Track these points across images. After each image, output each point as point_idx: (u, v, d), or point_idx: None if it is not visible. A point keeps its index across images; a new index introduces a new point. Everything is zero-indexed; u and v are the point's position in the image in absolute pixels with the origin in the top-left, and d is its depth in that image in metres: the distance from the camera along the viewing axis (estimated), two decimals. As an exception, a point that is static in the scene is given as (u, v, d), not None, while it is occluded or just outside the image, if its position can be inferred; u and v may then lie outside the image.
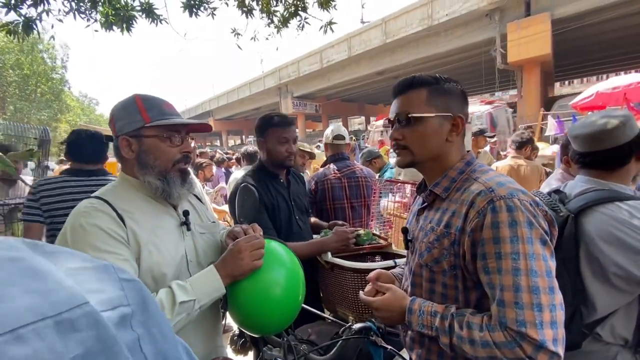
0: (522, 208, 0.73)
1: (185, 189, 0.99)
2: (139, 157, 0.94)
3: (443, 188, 0.88)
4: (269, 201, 1.65)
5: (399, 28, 17.13)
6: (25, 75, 19.08)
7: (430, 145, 0.88)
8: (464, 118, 0.87)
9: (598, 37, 15.42)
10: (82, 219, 0.84)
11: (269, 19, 3.79)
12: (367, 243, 1.75)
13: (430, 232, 0.87)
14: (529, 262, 0.70)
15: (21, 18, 2.68)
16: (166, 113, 0.96)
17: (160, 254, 0.92)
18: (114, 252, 0.83)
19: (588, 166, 1.21)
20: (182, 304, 0.81)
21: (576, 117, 6.43)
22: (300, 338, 1.13)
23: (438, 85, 0.87)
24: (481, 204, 0.76)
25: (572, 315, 1.06)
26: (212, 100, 38.16)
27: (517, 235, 0.71)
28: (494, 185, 0.77)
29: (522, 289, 0.69)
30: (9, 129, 2.11)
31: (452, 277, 0.83)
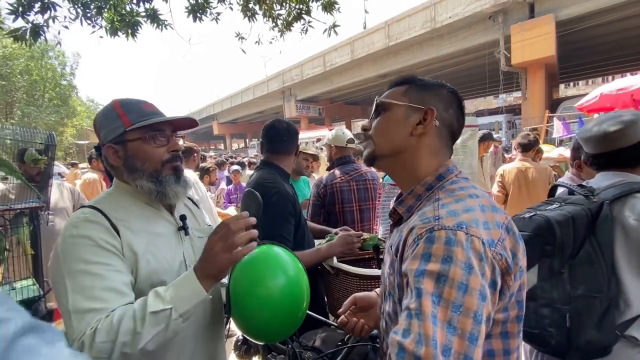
0: (466, 245, 0.58)
1: (181, 187, 0.95)
2: (126, 163, 0.92)
3: (406, 207, 0.76)
4: (298, 208, 1.63)
5: (402, 31, 17.15)
6: (34, 81, 19.37)
7: (390, 134, 0.78)
8: (436, 113, 0.75)
9: (603, 38, 15.33)
10: (73, 230, 0.82)
11: (273, 22, 3.81)
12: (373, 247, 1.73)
13: (388, 256, 0.77)
14: (451, 313, 0.54)
15: (28, 25, 2.72)
16: (147, 114, 0.93)
17: (158, 261, 0.89)
18: (104, 264, 0.80)
19: (604, 167, 1.19)
20: (154, 314, 0.75)
21: (582, 119, 6.38)
22: (305, 345, 1.11)
23: (421, 82, 0.81)
24: (419, 231, 0.63)
25: (606, 310, 1.02)
26: (216, 104, 38.42)
27: (446, 275, 0.56)
28: (444, 212, 0.64)
29: (433, 343, 0.52)
30: (17, 134, 2.12)
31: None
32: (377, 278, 1.44)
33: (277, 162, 1.71)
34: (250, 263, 0.92)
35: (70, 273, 0.78)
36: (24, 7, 2.63)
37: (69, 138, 20.47)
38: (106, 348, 0.73)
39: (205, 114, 40.06)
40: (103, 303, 0.77)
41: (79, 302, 0.76)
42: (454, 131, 0.80)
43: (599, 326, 1.02)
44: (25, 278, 2.11)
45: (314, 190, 2.36)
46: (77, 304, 0.76)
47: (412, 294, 0.58)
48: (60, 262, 0.80)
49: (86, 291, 0.77)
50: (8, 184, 2.24)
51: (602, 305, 1.03)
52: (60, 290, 0.79)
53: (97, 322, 0.75)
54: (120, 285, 0.81)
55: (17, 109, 19.05)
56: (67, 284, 0.77)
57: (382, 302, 0.85)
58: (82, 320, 0.75)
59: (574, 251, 1.06)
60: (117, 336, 0.73)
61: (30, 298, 1.93)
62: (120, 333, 0.74)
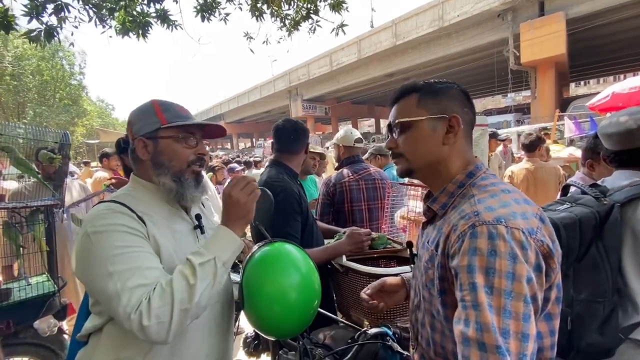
0: (507, 237, 0.63)
1: (199, 192, 1.00)
2: (154, 158, 0.95)
3: (440, 204, 0.80)
4: (304, 205, 1.65)
5: (409, 30, 17.05)
6: (45, 81, 19.72)
7: (424, 150, 0.81)
8: (460, 119, 0.79)
9: (614, 36, 15.05)
10: (102, 220, 0.84)
11: (282, 22, 3.82)
12: (382, 247, 1.74)
13: (426, 251, 0.81)
14: (504, 300, 0.60)
15: (43, 26, 2.77)
16: (182, 116, 0.98)
17: (179, 258, 0.91)
18: (140, 247, 0.84)
19: (626, 164, 1.16)
20: (202, 265, 0.81)
21: (594, 119, 6.27)
22: (315, 342, 1.12)
23: (430, 88, 0.82)
24: (462, 228, 0.68)
25: (610, 314, 1.00)
26: (223, 104, 38.67)
27: (494, 268, 0.62)
28: (482, 208, 0.68)
29: (486, 327, 0.59)
30: (29, 133, 2.16)
31: (442, 305, 0.74)
32: (387, 277, 1.44)
33: (285, 161, 1.73)
34: (263, 259, 0.94)
35: (110, 258, 0.81)
36: (37, 8, 2.68)
37: (79, 137, 20.78)
38: (165, 311, 0.76)
39: (212, 114, 40.35)
40: (149, 279, 0.81)
41: (127, 281, 0.78)
42: (473, 125, 0.85)
43: (601, 330, 1.01)
44: (40, 274, 2.16)
45: (323, 189, 2.37)
46: (125, 283, 0.78)
47: (466, 288, 0.64)
48: (95, 250, 0.82)
49: (130, 271, 0.80)
50: (25, 182, 2.29)
51: (606, 310, 1.01)
52: (99, 277, 0.81)
53: (149, 293, 0.78)
54: (158, 265, 0.86)
55: (29, 109, 19.40)
56: (110, 268, 0.80)
57: (413, 295, 0.90)
58: (134, 295, 0.78)
59: (579, 255, 1.03)
60: (174, 296, 0.77)
61: (45, 293, 1.97)
62: (176, 292, 0.78)
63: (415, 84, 0.85)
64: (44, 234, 2.09)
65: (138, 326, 0.75)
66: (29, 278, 2.07)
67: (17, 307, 1.88)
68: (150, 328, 0.75)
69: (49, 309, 2.00)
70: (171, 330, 0.77)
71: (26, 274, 2.10)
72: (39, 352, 1.99)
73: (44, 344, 1.99)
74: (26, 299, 1.91)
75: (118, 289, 0.78)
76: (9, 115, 18.88)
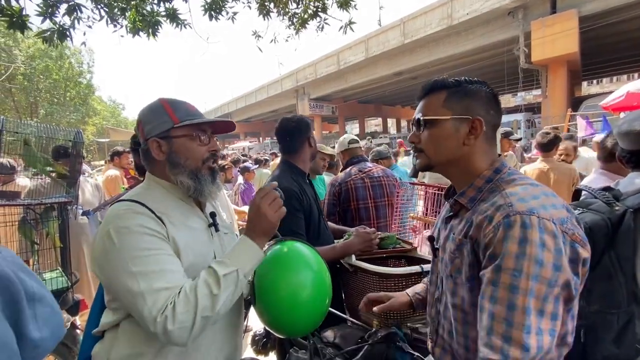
0: (539, 226, 0.68)
1: (216, 187, 1.01)
2: (170, 158, 0.96)
3: (469, 198, 0.83)
4: (306, 202, 1.65)
5: (417, 28, 16.92)
6: (55, 80, 20.06)
7: (444, 148, 0.84)
8: (483, 121, 0.81)
9: (629, 34, 14.72)
10: (124, 221, 0.85)
11: (290, 20, 3.82)
12: (391, 247, 1.73)
13: (452, 242, 0.84)
14: (531, 283, 0.66)
15: (56, 26, 2.82)
16: (192, 114, 0.99)
17: (196, 255, 0.92)
18: (163, 249, 0.85)
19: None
20: (226, 277, 0.83)
21: (607, 118, 6.15)
22: (326, 341, 1.12)
23: (459, 88, 0.84)
24: (497, 219, 0.72)
25: (626, 325, 0.97)
26: (230, 103, 38.92)
27: (524, 253, 0.67)
28: (515, 200, 0.73)
29: (516, 308, 0.66)
30: (42, 131, 2.20)
31: (469, 291, 0.79)
32: (396, 277, 1.43)
33: (291, 159, 1.75)
34: (275, 258, 0.94)
35: (135, 261, 0.82)
36: (51, 8, 2.72)
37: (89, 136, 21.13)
38: (188, 317, 0.78)
39: (220, 113, 40.61)
40: (173, 282, 0.82)
41: (152, 283, 0.80)
42: (497, 127, 0.88)
43: (617, 342, 0.98)
44: (53, 270, 2.20)
45: (329, 189, 2.39)
46: (150, 285, 0.80)
47: (495, 269, 0.70)
48: (118, 250, 0.83)
49: (156, 273, 0.81)
50: (40, 180, 2.33)
51: (621, 321, 0.97)
52: (123, 277, 0.82)
53: (174, 297, 0.80)
54: (180, 267, 0.87)
55: (40, 108, 19.78)
56: (135, 270, 0.81)
57: (434, 289, 0.95)
58: (159, 297, 0.79)
59: (591, 264, 0.99)
60: (197, 302, 0.79)
61: (58, 289, 2.01)
62: (200, 299, 0.80)
63: (445, 80, 0.87)
64: (57, 231, 2.13)
65: (162, 329, 0.77)
66: (43, 274, 2.11)
67: (31, 302, 1.92)
68: (173, 332, 0.77)
69: (62, 304, 2.03)
70: (192, 335, 0.79)
71: (40, 269, 2.14)
72: (52, 346, 2.03)
73: (57, 338, 2.03)
74: (40, 294, 1.95)
75: (143, 290, 0.79)
76: (22, 114, 19.28)
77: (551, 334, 0.66)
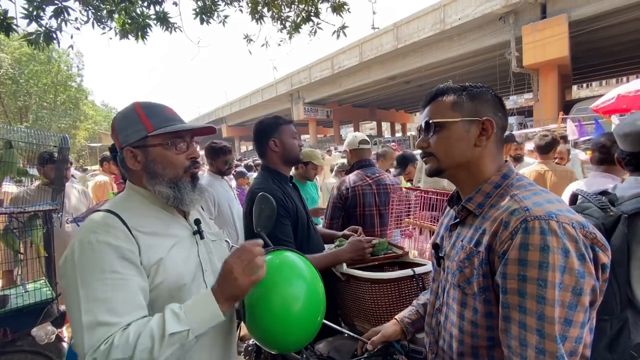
0: (560, 232, 0.65)
1: (197, 194, 0.95)
2: (147, 168, 0.91)
3: (477, 204, 0.81)
4: (291, 207, 1.60)
5: (411, 33, 17.08)
6: (45, 85, 19.83)
7: (456, 150, 0.82)
8: (494, 121, 0.80)
9: (617, 38, 15.01)
10: (91, 235, 0.80)
11: (282, 24, 3.80)
12: (383, 253, 1.69)
13: (461, 250, 0.81)
14: (557, 292, 0.64)
15: (42, 28, 2.76)
16: (168, 119, 0.93)
17: (176, 266, 0.88)
18: (122, 273, 0.79)
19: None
20: (173, 336, 0.74)
21: (598, 121, 6.22)
22: (320, 355, 1.08)
23: (465, 92, 0.84)
24: (514, 224, 0.69)
25: (619, 331, 0.95)
26: (225, 107, 38.80)
27: (547, 262, 0.65)
28: (530, 204, 0.70)
29: (546, 319, 0.64)
30: (31, 136, 2.14)
31: (483, 302, 0.76)
32: (389, 281, 1.39)
33: (269, 164, 1.71)
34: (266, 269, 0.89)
35: (85, 282, 0.76)
36: (37, 10, 2.66)
37: (81, 141, 20.88)
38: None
39: (215, 117, 40.48)
40: (117, 317, 0.75)
41: (93, 314, 0.73)
42: (505, 129, 0.87)
43: (611, 348, 0.97)
44: (38, 280, 2.13)
45: (335, 191, 2.32)
46: (90, 316, 0.73)
47: (516, 279, 0.68)
48: (75, 268, 0.77)
49: (101, 303, 0.75)
50: (26, 187, 2.26)
51: (614, 327, 0.97)
52: (72, 299, 0.76)
53: (111, 337, 0.72)
54: (136, 297, 0.79)
55: (30, 113, 19.52)
56: (81, 293, 0.75)
57: (434, 299, 0.93)
58: (94, 333, 0.72)
59: None
60: (134, 354, 0.71)
61: (43, 300, 1.93)
62: (137, 351, 0.72)
63: (450, 86, 0.86)
64: (42, 240, 2.05)
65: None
66: (26, 284, 2.04)
67: (14, 315, 1.85)
68: None
69: (47, 316, 1.96)
70: None
71: (24, 280, 2.07)
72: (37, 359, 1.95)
73: (41, 351, 1.95)
74: (23, 306, 1.88)
75: (82, 321, 0.73)
76: (11, 119, 18.99)
77: (578, 342, 0.66)
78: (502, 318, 0.71)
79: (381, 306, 1.39)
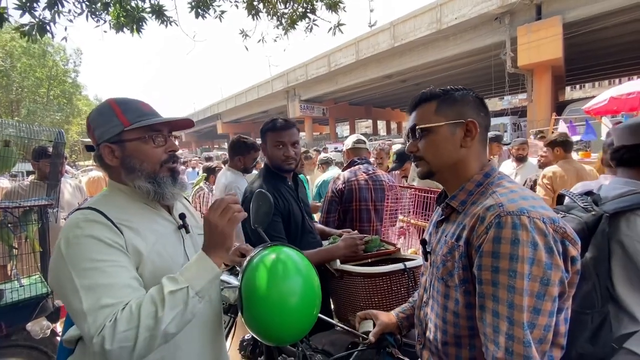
0: (530, 227, 0.70)
1: (178, 189, 0.96)
2: (124, 163, 0.91)
3: (460, 201, 0.86)
4: (283, 206, 1.64)
5: (407, 32, 17.10)
6: (38, 79, 19.48)
7: (444, 153, 0.87)
8: (477, 123, 0.85)
9: (611, 40, 15.19)
10: (76, 230, 0.80)
11: (278, 20, 3.79)
12: (375, 250, 1.72)
13: (444, 245, 0.87)
14: (526, 282, 0.69)
15: (35, 20, 2.72)
16: (144, 113, 0.93)
17: (163, 260, 0.89)
18: (113, 261, 0.80)
19: (626, 164, 1.11)
20: (173, 294, 0.77)
21: (589, 122, 6.32)
22: (315, 348, 1.10)
23: (447, 96, 0.88)
24: (489, 219, 0.74)
25: (600, 324, 0.99)
26: (220, 103, 38.52)
27: (517, 254, 0.69)
28: (505, 200, 0.75)
29: (515, 307, 0.69)
30: (22, 131, 2.12)
31: (463, 294, 0.81)
32: (382, 275, 1.43)
33: (267, 163, 1.75)
34: (263, 264, 0.92)
35: (79, 272, 0.77)
36: (30, 1, 2.63)
37: (74, 136, 20.59)
38: (129, 336, 0.73)
39: (210, 113, 40.19)
40: (117, 298, 0.76)
41: (93, 300, 0.75)
42: (488, 128, 0.92)
43: (592, 340, 1.00)
44: (33, 275, 2.12)
45: (332, 186, 2.37)
46: (91, 302, 0.75)
47: (489, 269, 0.73)
48: (65, 262, 0.78)
49: (99, 288, 0.76)
50: (20, 182, 2.25)
51: (595, 321, 1.00)
52: (68, 291, 0.77)
53: (115, 315, 0.74)
54: (131, 281, 0.81)
55: (22, 107, 19.18)
56: (77, 283, 0.76)
57: (422, 292, 0.98)
58: (99, 316, 0.74)
59: None
60: (140, 321, 0.74)
61: (38, 295, 1.93)
62: (142, 317, 0.74)
63: (433, 91, 0.90)
64: (37, 235, 2.05)
65: (100, 349, 0.72)
66: (21, 279, 2.03)
67: (9, 309, 1.84)
68: (112, 353, 0.72)
69: (42, 310, 1.96)
70: (134, 354, 0.74)
71: (19, 274, 2.06)
72: (32, 354, 1.95)
73: (36, 346, 1.95)
74: (18, 300, 1.87)
75: (84, 308, 0.74)
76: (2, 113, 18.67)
77: (546, 329, 0.70)
78: (478, 307, 0.76)
79: (374, 300, 1.42)
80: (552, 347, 0.74)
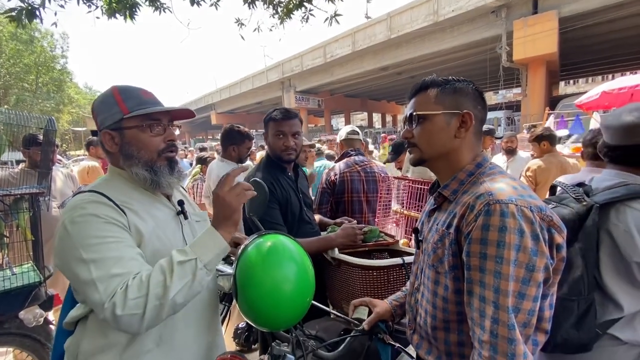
0: (517, 215, 0.72)
1: (175, 178, 0.98)
2: (123, 150, 0.93)
3: (451, 191, 0.88)
4: (281, 195, 1.64)
5: (404, 23, 16.96)
6: (26, 65, 18.98)
7: (437, 141, 0.88)
8: (472, 115, 0.86)
9: (605, 36, 15.26)
10: (80, 210, 0.82)
11: (274, 9, 3.75)
12: (374, 240, 1.74)
13: (435, 233, 0.89)
14: (512, 268, 0.71)
15: (24, 4, 2.65)
16: (145, 102, 0.94)
17: (163, 244, 0.91)
18: (119, 237, 0.82)
19: (617, 161, 1.14)
20: (182, 264, 0.79)
21: (580, 117, 6.38)
22: (308, 334, 1.12)
23: (448, 85, 0.89)
24: (479, 207, 0.76)
25: (586, 311, 1.02)
26: (214, 94, 38.01)
27: (504, 241, 0.71)
28: (495, 189, 0.77)
29: (501, 292, 0.71)
30: (11, 118, 2.08)
31: (453, 280, 0.83)
32: (378, 269, 1.45)
33: (269, 153, 1.76)
34: (257, 251, 0.93)
35: (87, 247, 0.79)
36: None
37: (65, 125, 20.21)
38: (139, 303, 0.75)
39: (203, 104, 39.66)
40: (127, 269, 0.79)
41: (103, 269, 0.77)
42: (484, 122, 0.93)
43: (577, 326, 1.03)
44: (25, 264, 2.11)
45: (324, 177, 2.38)
46: (101, 272, 0.77)
47: (478, 255, 0.75)
48: (72, 239, 0.80)
49: (108, 260, 0.78)
50: (10, 170, 2.22)
51: (581, 307, 1.03)
52: (75, 266, 0.79)
53: (125, 282, 0.77)
54: (137, 256, 0.84)
55: (11, 95, 18.72)
56: (85, 257, 0.78)
57: (414, 279, 1.00)
58: (110, 284, 0.76)
59: None
60: (149, 289, 0.76)
61: (30, 283, 1.92)
62: (152, 285, 0.77)
63: (434, 79, 0.91)
64: (28, 223, 2.03)
65: (111, 315, 0.75)
66: (13, 268, 2.02)
67: (1, 298, 1.83)
68: (122, 319, 0.75)
69: (35, 299, 1.95)
70: (144, 323, 0.77)
71: (11, 263, 2.05)
72: (25, 342, 1.95)
73: (29, 334, 1.95)
74: (10, 289, 1.86)
75: (94, 277, 0.76)
76: (-10, 100, 18.23)
77: (531, 314, 0.73)
78: (466, 292, 0.78)
79: (369, 291, 1.45)
80: (536, 331, 0.76)
